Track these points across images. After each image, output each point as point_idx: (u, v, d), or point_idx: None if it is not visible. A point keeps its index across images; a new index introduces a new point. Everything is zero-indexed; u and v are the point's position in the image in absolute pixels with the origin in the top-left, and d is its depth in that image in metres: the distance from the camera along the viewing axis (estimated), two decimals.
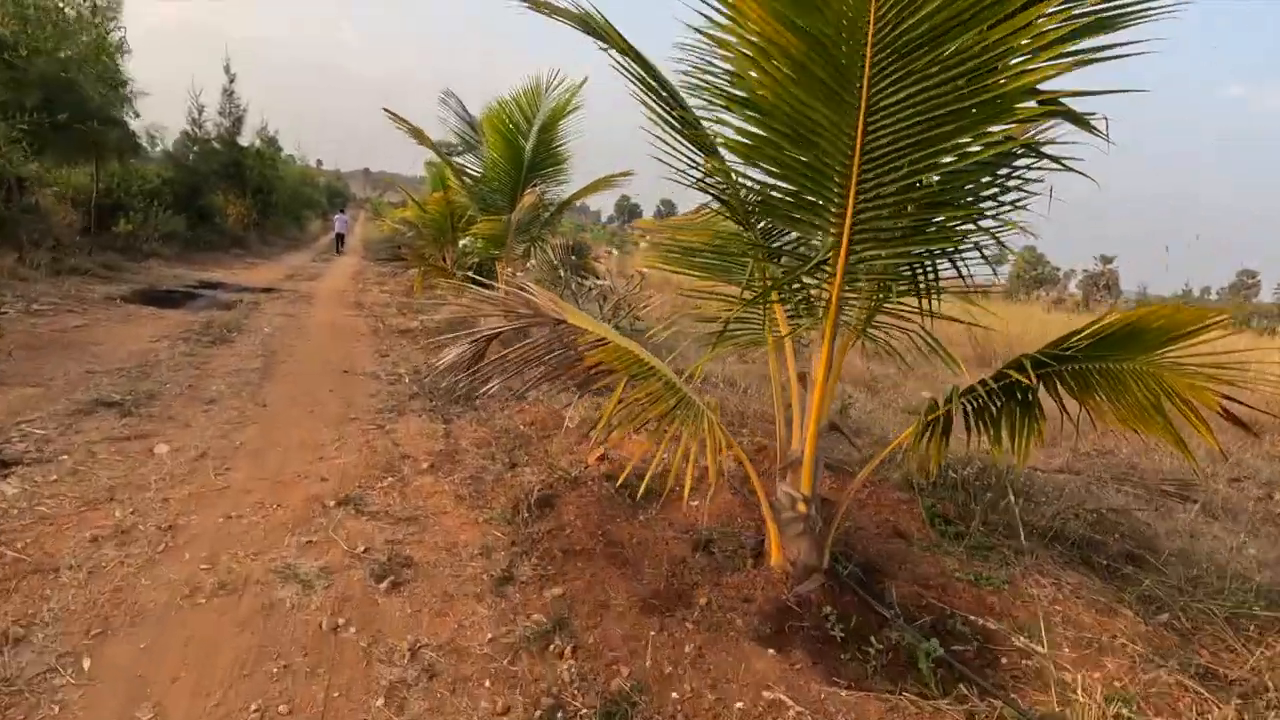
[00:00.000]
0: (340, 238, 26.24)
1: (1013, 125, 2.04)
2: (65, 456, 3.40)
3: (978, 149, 2.05)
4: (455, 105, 8.49)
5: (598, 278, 8.91)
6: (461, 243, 11.59)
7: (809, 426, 2.72)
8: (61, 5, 10.88)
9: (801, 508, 2.78)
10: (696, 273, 3.32)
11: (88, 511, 2.91)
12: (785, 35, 1.96)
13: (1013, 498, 3.47)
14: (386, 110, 7.60)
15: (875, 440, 4.56)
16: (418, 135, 7.79)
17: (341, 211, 29.00)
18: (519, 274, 6.74)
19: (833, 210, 2.30)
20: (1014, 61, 1.86)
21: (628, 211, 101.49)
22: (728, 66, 2.26)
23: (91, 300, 8.41)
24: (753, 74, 2.17)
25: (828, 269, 2.49)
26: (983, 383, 2.32)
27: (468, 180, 8.20)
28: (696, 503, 3.45)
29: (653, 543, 3.07)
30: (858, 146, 2.10)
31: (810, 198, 2.37)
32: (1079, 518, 3.52)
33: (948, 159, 2.14)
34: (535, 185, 8.03)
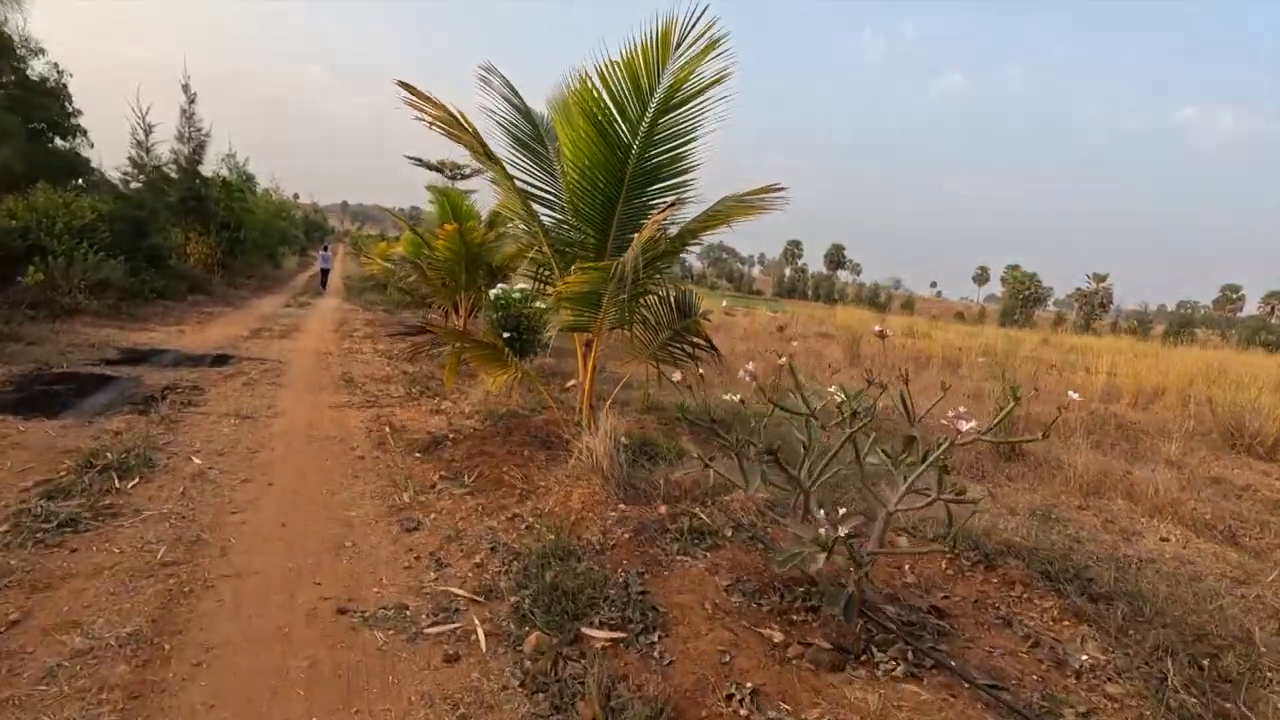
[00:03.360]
0: (324, 273, 25.02)
1: None
2: None
3: None
4: (502, 88, 5.38)
5: (709, 344, 5.78)
6: (492, 292, 8.41)
7: None
8: None
9: None
10: None
11: None
12: None
13: None
14: (402, 84, 4.46)
15: None
16: (448, 124, 4.63)
17: (325, 248, 27.90)
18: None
19: None
20: None
21: None
22: None
23: None
24: None
25: None
26: None
27: (540, 206, 5.07)
28: None
29: None
30: None
31: None
32: None
33: None
34: (655, 206, 4.92)
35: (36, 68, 22.06)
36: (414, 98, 4.48)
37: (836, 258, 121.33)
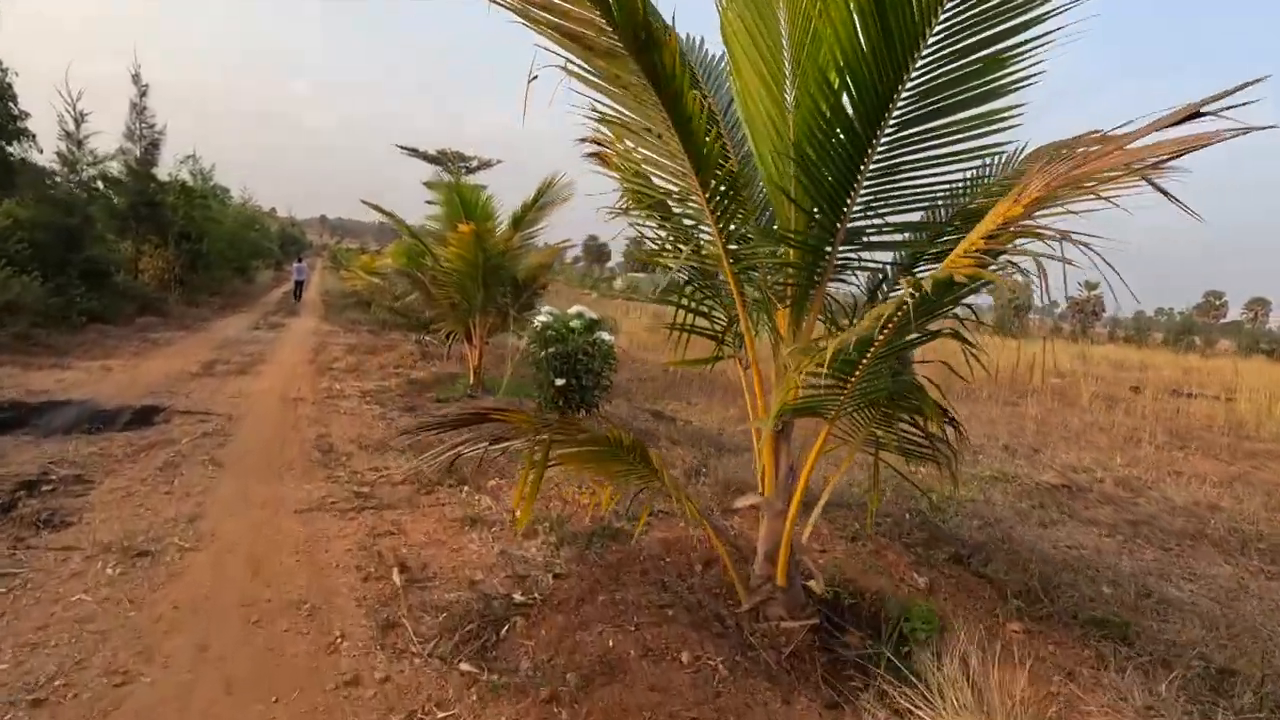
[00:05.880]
0: (299, 285, 23.51)
1: None
2: None
3: None
4: None
5: (949, 418, 3.27)
6: (539, 319, 5.86)
7: None
8: None
9: None
10: None
11: None
12: None
13: None
14: None
15: None
16: None
17: (300, 260, 26.18)
18: None
19: None
20: None
21: (595, 251, 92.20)
22: None
23: None
24: None
25: None
26: None
27: (669, 177, 2.57)
28: None
29: None
30: None
31: None
32: None
33: None
34: (936, 160, 2.45)
35: None
36: None
37: None
